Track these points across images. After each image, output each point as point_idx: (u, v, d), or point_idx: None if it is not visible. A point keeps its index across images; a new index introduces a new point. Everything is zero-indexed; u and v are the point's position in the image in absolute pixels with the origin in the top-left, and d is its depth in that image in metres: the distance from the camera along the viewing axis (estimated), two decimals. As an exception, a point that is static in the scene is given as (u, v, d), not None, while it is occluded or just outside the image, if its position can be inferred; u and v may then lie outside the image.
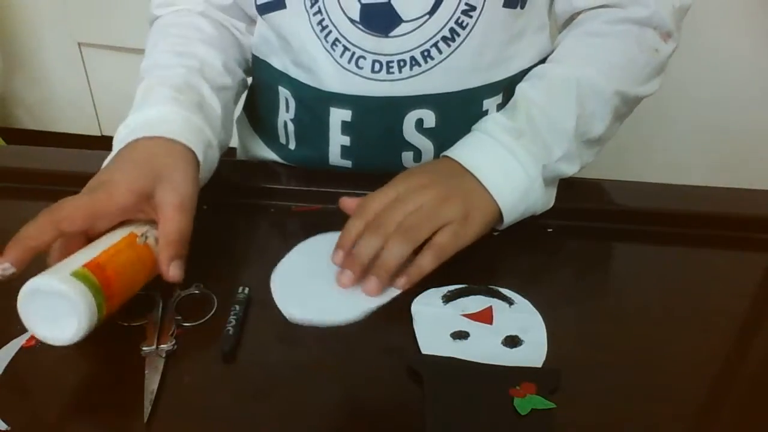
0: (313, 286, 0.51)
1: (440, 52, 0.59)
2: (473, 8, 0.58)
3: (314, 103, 0.64)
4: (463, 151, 0.56)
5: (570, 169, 0.58)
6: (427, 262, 0.51)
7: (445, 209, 0.52)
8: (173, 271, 0.47)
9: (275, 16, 0.62)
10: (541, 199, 0.57)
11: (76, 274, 0.41)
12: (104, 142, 0.55)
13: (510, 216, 0.55)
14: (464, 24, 0.58)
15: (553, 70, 0.60)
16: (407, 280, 0.51)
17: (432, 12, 0.57)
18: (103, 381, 0.44)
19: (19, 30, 1.76)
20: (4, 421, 0.40)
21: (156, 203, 0.48)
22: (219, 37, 0.66)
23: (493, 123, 0.57)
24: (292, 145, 0.69)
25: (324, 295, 0.50)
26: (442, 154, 0.58)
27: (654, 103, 0.67)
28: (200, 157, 0.53)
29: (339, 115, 0.63)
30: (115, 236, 0.47)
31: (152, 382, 0.43)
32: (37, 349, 0.45)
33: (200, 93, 0.59)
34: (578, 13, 0.64)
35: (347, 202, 0.55)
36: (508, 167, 0.55)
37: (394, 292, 0.51)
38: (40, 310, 0.41)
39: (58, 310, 0.40)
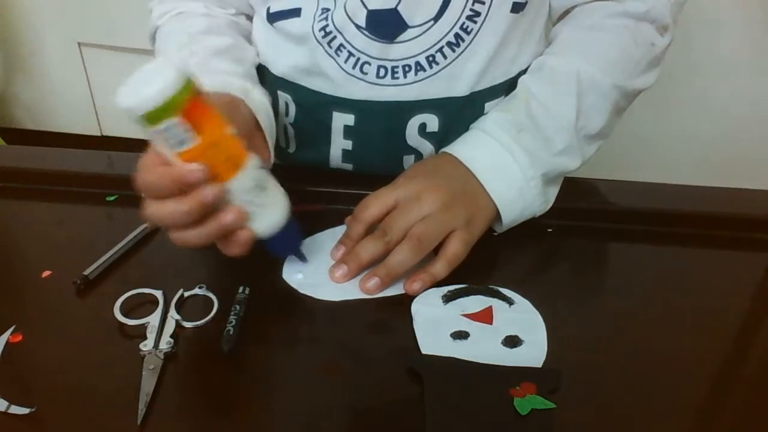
0: (313, 265, 0.54)
1: (445, 57, 0.59)
2: (478, 14, 0.58)
3: (316, 108, 0.64)
4: (462, 149, 0.57)
5: (572, 164, 0.59)
6: (441, 271, 0.52)
7: (450, 217, 0.53)
8: None
9: (286, 23, 0.61)
10: (539, 198, 0.57)
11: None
12: (104, 142, 0.55)
13: (508, 215, 0.56)
14: (469, 29, 0.58)
15: (554, 63, 0.60)
16: (421, 286, 0.51)
17: (437, 18, 0.57)
18: (101, 380, 0.44)
19: (19, 30, 1.76)
20: (24, 406, 0.41)
21: None
22: (227, 27, 0.66)
23: (493, 121, 0.57)
24: (291, 149, 0.69)
25: (318, 274, 0.53)
26: (441, 150, 0.59)
27: (654, 103, 0.67)
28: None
29: (342, 120, 0.63)
30: None
31: (148, 385, 0.42)
32: (25, 344, 0.46)
33: None
34: (573, 7, 0.64)
35: None
36: (505, 166, 0.55)
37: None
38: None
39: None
